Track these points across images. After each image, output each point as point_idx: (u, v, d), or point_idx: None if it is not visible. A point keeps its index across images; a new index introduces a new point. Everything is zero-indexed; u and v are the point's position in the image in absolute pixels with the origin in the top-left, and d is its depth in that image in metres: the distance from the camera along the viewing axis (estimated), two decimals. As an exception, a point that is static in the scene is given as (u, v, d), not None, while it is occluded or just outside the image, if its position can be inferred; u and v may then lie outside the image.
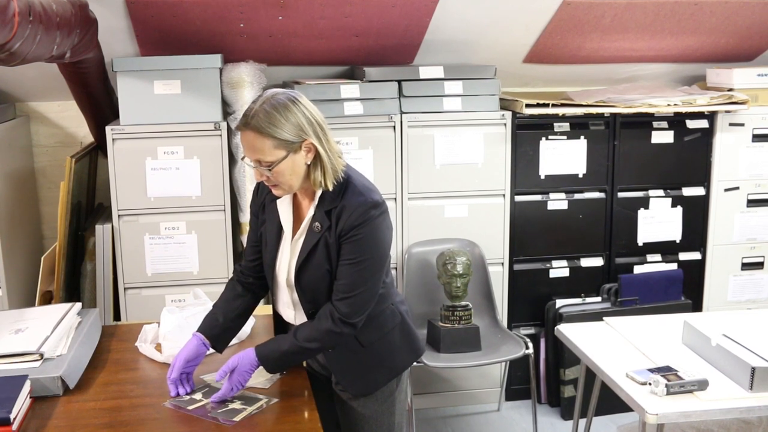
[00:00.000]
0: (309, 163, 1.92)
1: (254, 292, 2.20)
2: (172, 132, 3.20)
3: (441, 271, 3.36)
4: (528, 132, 3.57)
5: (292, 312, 2.11)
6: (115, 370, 2.19)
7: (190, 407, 1.94)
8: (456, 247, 3.44)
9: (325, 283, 1.99)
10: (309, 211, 1.99)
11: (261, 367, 2.16)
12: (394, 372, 2.15)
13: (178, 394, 2.01)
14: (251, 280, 2.19)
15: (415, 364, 2.29)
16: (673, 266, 3.78)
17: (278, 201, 2.04)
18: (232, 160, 3.33)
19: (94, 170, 3.73)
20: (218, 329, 2.12)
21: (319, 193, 1.97)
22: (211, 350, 2.22)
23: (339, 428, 2.25)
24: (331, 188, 1.94)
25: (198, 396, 2.00)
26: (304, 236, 2.00)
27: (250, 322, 2.46)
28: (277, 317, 2.21)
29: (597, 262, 3.74)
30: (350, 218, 1.92)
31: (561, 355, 3.60)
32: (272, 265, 2.08)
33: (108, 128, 3.18)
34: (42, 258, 3.14)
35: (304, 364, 2.22)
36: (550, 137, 3.59)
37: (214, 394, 1.99)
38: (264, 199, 2.10)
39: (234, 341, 2.35)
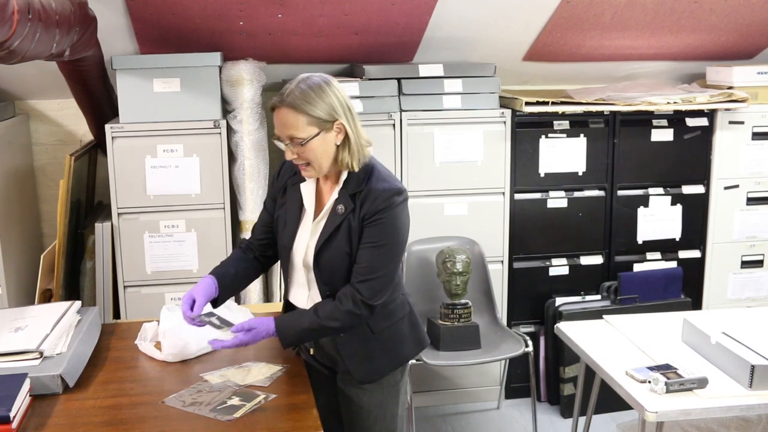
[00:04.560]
0: (338, 144, 2.00)
1: (260, 262, 2.29)
2: (171, 130, 3.20)
3: (440, 269, 3.36)
4: (528, 130, 3.57)
5: (306, 292, 2.14)
6: (114, 368, 2.19)
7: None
8: (455, 245, 3.44)
9: (343, 265, 2.04)
10: (332, 194, 2.06)
11: (261, 365, 2.17)
12: (400, 360, 2.19)
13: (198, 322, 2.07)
14: (257, 254, 2.27)
15: (415, 362, 2.31)
16: (673, 264, 3.78)
17: (302, 184, 2.11)
18: (232, 158, 3.32)
19: (93, 168, 3.73)
20: (229, 279, 2.19)
21: (344, 176, 2.04)
22: (206, 347, 2.24)
23: (340, 423, 2.27)
24: (357, 169, 2.02)
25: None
26: (326, 218, 2.06)
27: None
28: (286, 308, 2.23)
29: (597, 260, 3.74)
30: (375, 203, 2.00)
31: (561, 353, 3.60)
32: (290, 245, 2.12)
33: (107, 126, 3.18)
34: (42, 256, 3.14)
35: (312, 350, 2.22)
36: (549, 135, 3.59)
37: (215, 340, 2.03)
38: (286, 182, 2.17)
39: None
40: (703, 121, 3.71)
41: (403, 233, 2.07)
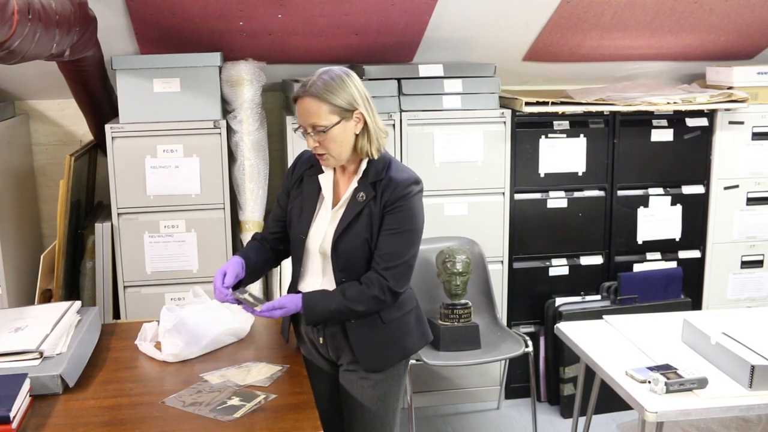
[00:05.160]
0: (357, 133, 2.09)
1: (275, 254, 2.35)
2: (171, 130, 3.20)
3: (440, 269, 3.36)
4: (528, 130, 3.57)
5: (319, 280, 2.19)
6: (114, 369, 2.19)
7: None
8: (455, 245, 3.44)
9: (361, 251, 2.11)
10: (352, 184, 2.15)
11: (261, 365, 2.18)
12: (407, 352, 2.25)
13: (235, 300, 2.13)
14: (271, 246, 2.33)
15: (415, 361, 2.32)
16: (673, 264, 3.78)
17: (321, 175, 2.19)
18: (232, 158, 3.32)
19: (93, 168, 3.73)
20: (252, 263, 2.25)
21: (363, 166, 2.13)
22: (217, 347, 2.28)
23: (340, 420, 2.29)
24: (376, 157, 2.13)
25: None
26: (345, 207, 2.14)
27: (250, 320, 2.47)
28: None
29: (597, 260, 3.74)
30: (395, 190, 2.09)
31: (560, 353, 3.60)
32: (305, 232, 2.18)
33: (107, 126, 3.18)
34: (41, 256, 3.14)
35: (321, 339, 2.23)
36: (549, 135, 3.59)
37: (246, 305, 2.10)
38: (303, 173, 2.25)
39: (233, 340, 2.37)
40: (703, 122, 3.71)
41: (421, 221, 2.16)
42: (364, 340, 2.16)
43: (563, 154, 3.61)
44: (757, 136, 3.76)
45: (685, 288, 3.73)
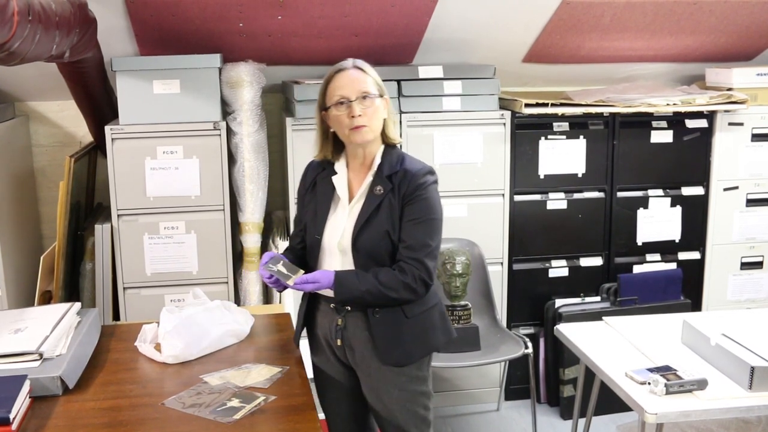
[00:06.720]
0: (386, 117, 2.21)
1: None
2: (171, 132, 3.20)
3: (440, 271, 3.36)
4: (527, 131, 3.57)
5: None
6: (114, 370, 2.19)
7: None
8: (455, 246, 3.44)
9: (383, 244, 2.15)
10: (367, 178, 2.20)
11: (261, 366, 2.18)
12: (429, 348, 2.26)
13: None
14: (300, 255, 2.35)
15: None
16: (673, 266, 3.78)
17: (334, 177, 2.25)
18: (232, 159, 3.32)
19: (93, 170, 3.73)
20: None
21: (377, 161, 2.19)
22: (217, 349, 2.29)
23: (358, 429, 2.34)
24: (397, 142, 2.24)
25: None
26: (362, 201, 2.19)
27: (250, 322, 2.47)
28: (310, 299, 2.29)
29: (596, 261, 3.74)
30: (413, 180, 2.16)
31: (560, 354, 3.60)
32: (321, 231, 2.22)
33: (107, 128, 3.18)
34: (41, 257, 3.14)
35: (339, 341, 2.24)
36: (549, 137, 3.59)
37: (280, 278, 2.15)
38: (315, 178, 2.30)
39: (233, 341, 2.37)
40: (702, 123, 3.72)
41: (440, 211, 2.20)
42: (387, 333, 2.17)
43: (563, 155, 3.61)
44: (757, 137, 3.76)
45: (684, 289, 3.74)
